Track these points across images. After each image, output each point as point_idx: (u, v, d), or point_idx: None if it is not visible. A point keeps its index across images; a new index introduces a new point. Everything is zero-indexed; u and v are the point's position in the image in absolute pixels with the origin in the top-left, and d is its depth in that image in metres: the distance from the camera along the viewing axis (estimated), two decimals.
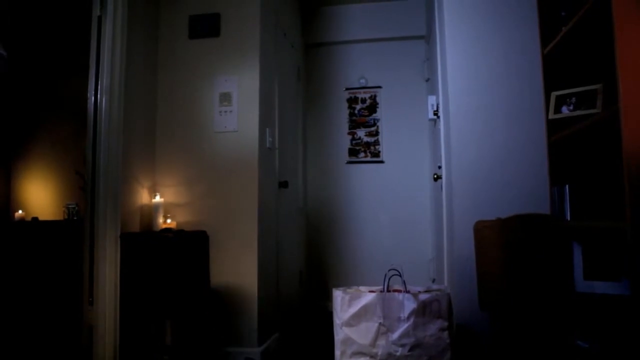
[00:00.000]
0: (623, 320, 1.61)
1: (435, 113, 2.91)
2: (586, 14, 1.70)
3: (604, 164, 1.94)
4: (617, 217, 1.56)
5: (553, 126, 2.10)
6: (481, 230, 2.12)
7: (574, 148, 2.09)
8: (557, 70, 2.15)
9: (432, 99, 3.00)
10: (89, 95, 2.57)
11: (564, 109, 1.99)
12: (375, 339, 1.86)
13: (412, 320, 1.84)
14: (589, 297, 1.88)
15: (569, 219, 1.96)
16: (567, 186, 1.98)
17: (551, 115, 2.08)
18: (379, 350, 1.85)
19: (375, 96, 4.24)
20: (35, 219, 3.63)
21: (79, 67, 2.70)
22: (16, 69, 3.87)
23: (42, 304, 3.13)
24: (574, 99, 1.96)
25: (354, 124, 4.26)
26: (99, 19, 2.56)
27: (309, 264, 4.22)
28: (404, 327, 1.84)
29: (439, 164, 2.92)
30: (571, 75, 2.10)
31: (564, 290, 1.91)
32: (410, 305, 1.85)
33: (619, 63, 1.43)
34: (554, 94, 2.07)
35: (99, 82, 2.55)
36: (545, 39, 2.18)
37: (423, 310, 1.85)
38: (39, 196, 3.98)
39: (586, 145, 2.02)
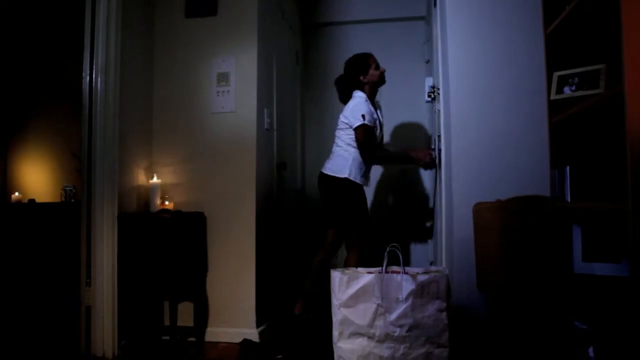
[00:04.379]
0: (622, 301, 1.62)
1: (430, 95, 2.89)
2: None
3: (605, 145, 1.92)
4: (618, 198, 1.55)
5: (554, 107, 2.07)
6: (480, 212, 2.11)
7: (575, 129, 2.07)
8: (559, 50, 2.12)
9: (429, 81, 2.97)
10: (83, 74, 2.54)
11: (566, 90, 1.96)
12: (374, 319, 1.86)
13: (410, 301, 1.84)
14: (587, 278, 1.88)
15: (569, 200, 1.95)
16: (567, 168, 1.96)
17: (553, 96, 2.05)
18: (377, 331, 1.85)
19: None
20: (32, 201, 3.61)
21: (76, 48, 2.65)
22: (13, 50, 3.81)
23: (40, 285, 3.13)
24: (576, 79, 1.93)
25: None
26: None
27: (308, 245, 4.22)
28: (402, 308, 1.84)
29: (432, 146, 2.94)
30: (574, 56, 2.06)
31: (562, 272, 1.91)
32: (408, 286, 1.85)
33: (625, 42, 1.39)
34: (556, 74, 2.04)
35: (94, 62, 2.51)
36: (547, 18, 2.14)
37: (421, 292, 1.85)
38: (36, 178, 3.96)
39: (588, 126, 1.99)
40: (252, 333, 2.75)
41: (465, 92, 2.33)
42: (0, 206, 3.65)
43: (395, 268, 1.99)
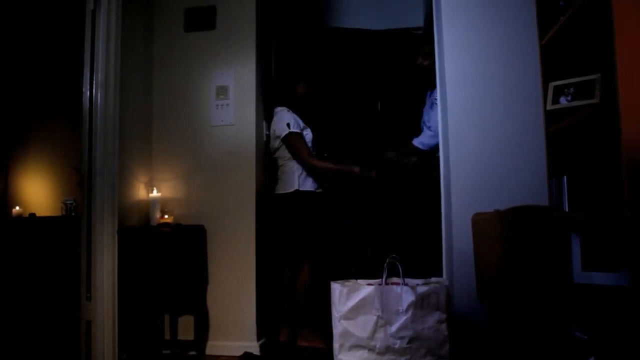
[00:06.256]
0: (621, 311, 1.61)
1: None
2: (584, 3, 1.68)
3: (602, 154, 1.92)
4: (615, 208, 1.55)
5: (551, 117, 2.08)
6: (479, 222, 2.11)
7: (572, 139, 2.08)
8: (555, 60, 2.13)
9: None
10: (83, 89, 2.56)
11: (562, 100, 1.97)
12: (374, 331, 1.86)
13: (410, 312, 1.84)
14: (587, 288, 1.87)
15: (567, 210, 1.95)
16: (565, 177, 1.97)
17: (549, 106, 2.06)
18: (378, 343, 1.85)
19: None
20: (32, 215, 3.61)
21: (77, 62, 2.68)
22: (13, 64, 3.84)
23: (40, 299, 3.12)
24: (572, 90, 1.94)
25: None
26: (93, 12, 2.54)
27: None
28: (402, 319, 1.84)
29: None
30: (569, 66, 2.08)
31: (562, 281, 1.90)
32: (408, 297, 1.85)
33: (618, 53, 1.41)
34: (551, 85, 2.06)
35: (94, 77, 2.54)
36: (543, 30, 2.16)
37: (421, 303, 1.85)
38: (37, 192, 3.96)
39: (584, 135, 2.00)
40: (253, 346, 2.74)
41: (463, 101, 2.34)
42: (1, 220, 3.65)
43: (395, 279, 1.99)
